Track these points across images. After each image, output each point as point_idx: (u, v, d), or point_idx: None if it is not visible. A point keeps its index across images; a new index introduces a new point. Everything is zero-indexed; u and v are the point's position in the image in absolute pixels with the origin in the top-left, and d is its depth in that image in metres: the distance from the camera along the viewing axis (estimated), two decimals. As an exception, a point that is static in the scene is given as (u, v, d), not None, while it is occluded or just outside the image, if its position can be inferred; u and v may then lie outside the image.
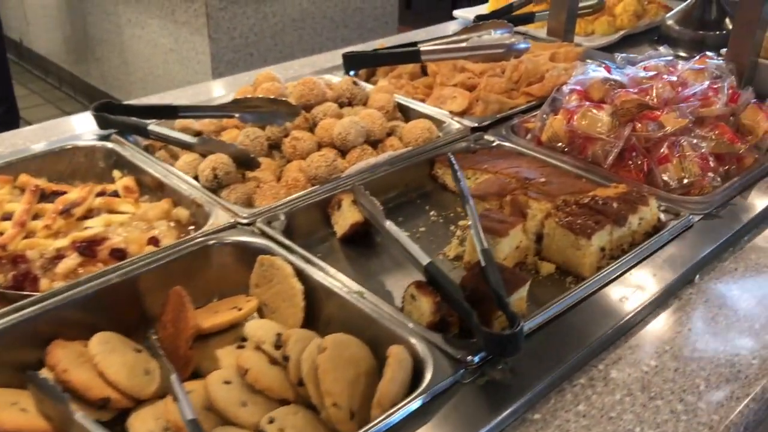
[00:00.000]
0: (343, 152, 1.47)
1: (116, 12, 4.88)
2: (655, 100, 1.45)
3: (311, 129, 1.51)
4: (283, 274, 1.08)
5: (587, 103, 1.47)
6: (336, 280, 1.07)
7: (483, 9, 2.45)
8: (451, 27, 2.35)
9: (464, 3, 2.41)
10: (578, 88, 1.55)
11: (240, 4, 4.21)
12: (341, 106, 1.60)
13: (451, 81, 1.78)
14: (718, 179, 1.37)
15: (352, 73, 1.88)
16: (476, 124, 1.58)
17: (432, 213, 1.38)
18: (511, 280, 1.04)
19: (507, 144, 1.50)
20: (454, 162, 1.24)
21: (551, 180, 1.29)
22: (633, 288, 1.11)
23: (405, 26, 2.23)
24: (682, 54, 2.16)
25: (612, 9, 2.32)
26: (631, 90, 1.48)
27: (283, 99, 1.42)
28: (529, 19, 2.20)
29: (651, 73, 1.55)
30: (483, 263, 1.02)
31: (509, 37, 1.76)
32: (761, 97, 1.60)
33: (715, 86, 1.53)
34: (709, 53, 1.79)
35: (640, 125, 1.41)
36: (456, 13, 2.42)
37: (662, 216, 1.28)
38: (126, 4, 4.75)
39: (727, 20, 2.19)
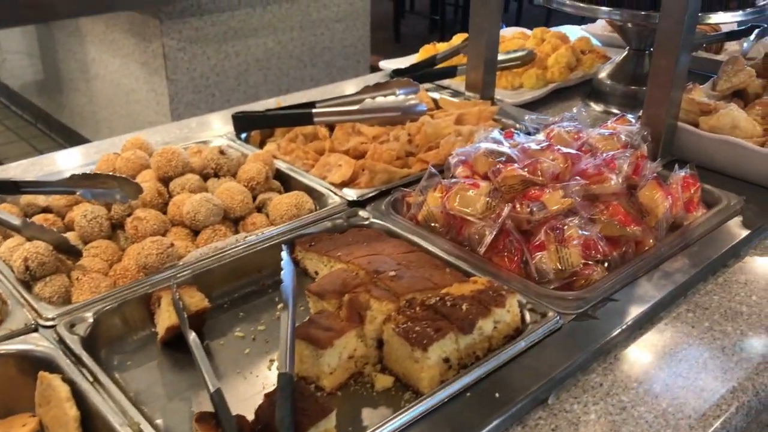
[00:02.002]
0: (196, 233, 1.34)
1: (82, 50, 4.80)
2: (540, 176, 1.30)
3: (166, 205, 1.38)
4: (59, 397, 0.94)
5: (462, 179, 1.32)
6: (118, 406, 0.92)
7: (413, 59, 2.32)
8: (376, 79, 2.22)
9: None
10: (464, 159, 1.41)
11: (200, 44, 4.12)
12: (206, 177, 1.46)
13: (344, 146, 1.64)
14: (598, 269, 1.21)
15: (243, 135, 1.75)
16: (355, 198, 1.44)
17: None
18: (311, 410, 0.88)
19: (379, 223, 1.36)
20: (284, 256, 1.09)
21: (403, 273, 1.14)
22: (472, 408, 0.95)
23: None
24: (614, 110, 2.02)
25: (543, 61, 2.18)
26: (517, 165, 1.33)
27: (123, 176, 1.28)
28: (451, 72, 2.07)
29: (543, 144, 1.40)
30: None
31: (405, 99, 1.62)
32: (684, 163, 1.45)
33: (615, 158, 1.38)
34: (629, 116, 1.65)
35: (519, 206, 1.26)
36: (382, 64, 2.29)
37: (528, 316, 1.12)
38: (91, 42, 4.67)
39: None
